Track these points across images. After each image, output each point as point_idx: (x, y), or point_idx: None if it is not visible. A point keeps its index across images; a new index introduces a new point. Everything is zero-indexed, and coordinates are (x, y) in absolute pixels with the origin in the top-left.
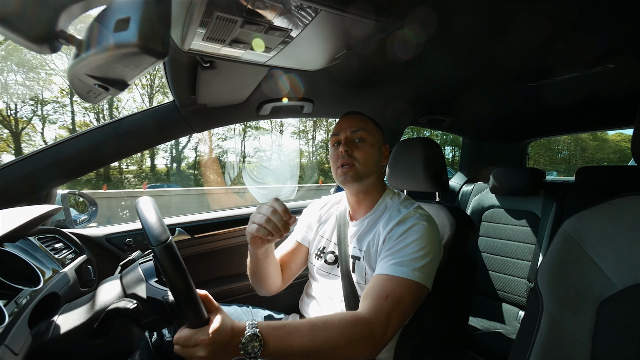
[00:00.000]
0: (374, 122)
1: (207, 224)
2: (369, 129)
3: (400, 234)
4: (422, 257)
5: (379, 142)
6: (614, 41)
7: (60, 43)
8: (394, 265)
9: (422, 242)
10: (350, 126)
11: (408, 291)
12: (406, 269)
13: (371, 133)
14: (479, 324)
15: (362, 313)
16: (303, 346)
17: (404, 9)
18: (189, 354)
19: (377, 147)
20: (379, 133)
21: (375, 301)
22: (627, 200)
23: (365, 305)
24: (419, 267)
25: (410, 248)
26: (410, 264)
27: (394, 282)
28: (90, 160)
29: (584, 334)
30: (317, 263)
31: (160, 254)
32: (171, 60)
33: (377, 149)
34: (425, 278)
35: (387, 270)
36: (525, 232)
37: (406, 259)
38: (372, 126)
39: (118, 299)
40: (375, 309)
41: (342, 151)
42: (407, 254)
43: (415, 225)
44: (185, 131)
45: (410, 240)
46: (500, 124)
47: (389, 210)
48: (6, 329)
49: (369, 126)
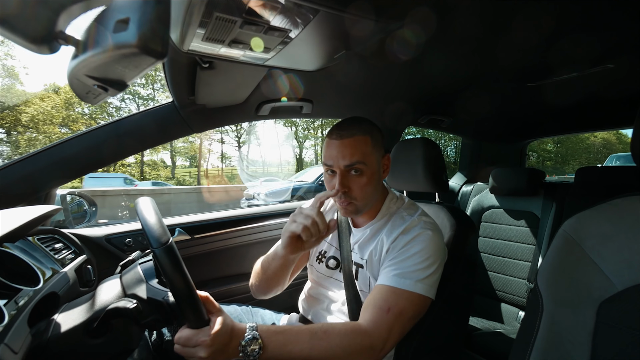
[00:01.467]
0: (370, 132)
1: (207, 224)
2: (365, 156)
3: (404, 244)
4: (426, 268)
5: (376, 163)
6: (613, 41)
7: (59, 43)
8: (397, 276)
9: (427, 253)
10: (343, 157)
11: (410, 304)
12: (409, 281)
13: (368, 161)
14: (479, 324)
15: (363, 325)
16: (302, 354)
17: (404, 9)
18: (190, 354)
19: (377, 171)
20: (374, 148)
21: (376, 313)
22: (626, 200)
23: (367, 317)
24: (423, 279)
25: (414, 259)
26: (413, 276)
27: (396, 294)
28: (89, 161)
29: (584, 335)
30: (318, 267)
31: (161, 256)
32: (170, 61)
33: (375, 174)
34: (428, 289)
35: (390, 282)
36: (525, 232)
37: (409, 271)
38: (368, 147)
39: (118, 299)
40: (376, 321)
41: (338, 190)
42: (411, 264)
43: (419, 235)
44: (184, 131)
45: (415, 251)
46: (500, 124)
47: (392, 218)
48: (6, 328)
49: (365, 151)
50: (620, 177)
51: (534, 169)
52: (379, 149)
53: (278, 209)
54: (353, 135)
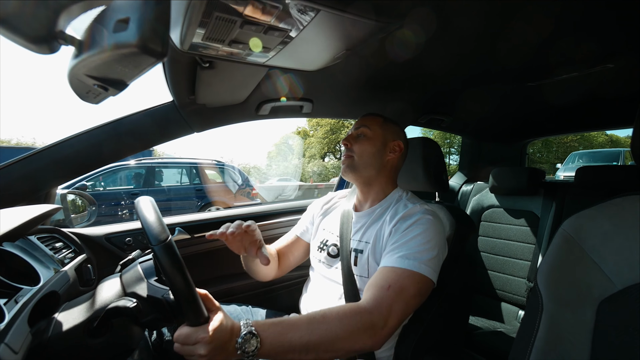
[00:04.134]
0: (384, 119)
1: (207, 223)
2: (372, 125)
3: (406, 228)
4: (428, 251)
5: (382, 137)
6: (613, 41)
7: (59, 43)
8: (400, 257)
9: (428, 236)
10: (356, 124)
11: (412, 282)
12: (412, 261)
13: (372, 129)
14: (479, 323)
15: (362, 304)
16: (302, 340)
17: (404, 9)
18: (189, 351)
19: (378, 142)
20: (384, 129)
21: (376, 291)
22: (627, 200)
23: (367, 296)
24: (425, 260)
25: (416, 241)
26: (416, 257)
27: (397, 273)
28: (89, 160)
29: (583, 334)
30: (319, 255)
31: (160, 253)
32: (170, 61)
33: (377, 143)
34: (431, 271)
35: (393, 263)
36: (524, 231)
37: (412, 252)
38: (377, 123)
39: (118, 298)
40: (376, 299)
41: (343, 144)
42: (413, 246)
43: (420, 219)
44: (184, 131)
45: (416, 233)
46: (499, 124)
47: (395, 204)
48: (6, 327)
49: (373, 123)
50: (620, 177)
51: (534, 168)
52: (390, 132)
53: (279, 208)
54: (367, 116)
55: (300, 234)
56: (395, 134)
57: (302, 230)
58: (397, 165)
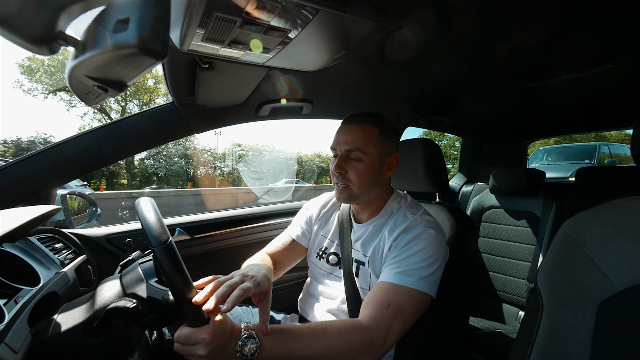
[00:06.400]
0: (380, 125)
1: (207, 224)
2: (366, 146)
3: (407, 242)
4: (428, 267)
5: (378, 156)
6: (612, 42)
7: (59, 44)
8: (399, 274)
9: (429, 251)
10: (346, 143)
11: (411, 300)
12: (411, 278)
13: (367, 151)
14: (479, 323)
15: (362, 321)
16: (302, 351)
17: (404, 9)
18: (189, 352)
19: (376, 163)
20: (379, 145)
21: (376, 310)
22: (627, 200)
23: (366, 314)
24: (425, 277)
25: (416, 257)
26: (415, 274)
27: (397, 291)
28: (90, 161)
29: (584, 335)
30: (319, 263)
31: (161, 255)
32: (170, 61)
33: (374, 165)
34: (429, 287)
35: (392, 279)
36: (525, 232)
37: (412, 268)
38: (371, 141)
39: (118, 298)
40: (375, 317)
41: (334, 172)
42: (413, 262)
43: (422, 234)
44: (184, 132)
45: (417, 249)
46: (499, 125)
47: (395, 216)
48: (6, 328)
49: (368, 143)
50: (620, 177)
51: (534, 169)
52: (387, 146)
53: (278, 208)
54: (360, 123)
55: (297, 238)
56: (391, 146)
57: (298, 233)
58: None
